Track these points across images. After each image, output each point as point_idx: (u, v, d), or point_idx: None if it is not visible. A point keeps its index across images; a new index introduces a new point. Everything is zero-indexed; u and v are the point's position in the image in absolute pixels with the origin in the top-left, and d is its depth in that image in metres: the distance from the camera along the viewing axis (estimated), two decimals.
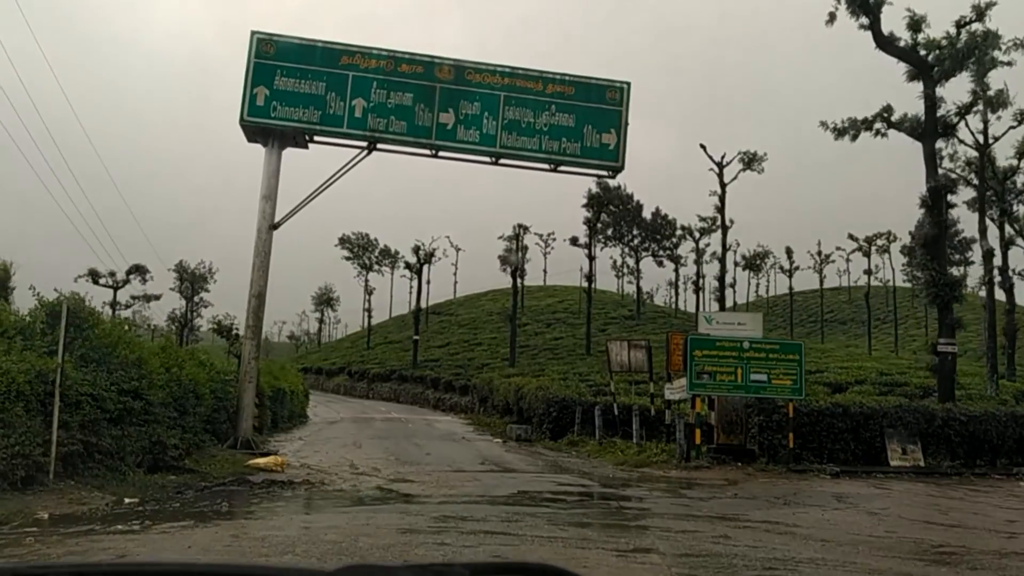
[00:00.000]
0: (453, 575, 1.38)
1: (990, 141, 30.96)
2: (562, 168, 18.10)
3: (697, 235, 72.81)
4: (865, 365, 46.18)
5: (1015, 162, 35.64)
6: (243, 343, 17.16)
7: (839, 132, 23.40)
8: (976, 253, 77.32)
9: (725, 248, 42.60)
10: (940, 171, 21.37)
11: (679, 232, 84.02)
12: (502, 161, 17.95)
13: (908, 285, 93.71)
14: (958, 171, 30.32)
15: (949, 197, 21.46)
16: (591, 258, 62.94)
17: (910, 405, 19.02)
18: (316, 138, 17.61)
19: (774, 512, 10.77)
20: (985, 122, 30.36)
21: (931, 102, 21.19)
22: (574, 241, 64.59)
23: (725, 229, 41.88)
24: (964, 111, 21.09)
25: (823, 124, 23.70)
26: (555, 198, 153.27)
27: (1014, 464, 19.05)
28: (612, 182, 73.23)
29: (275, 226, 17.15)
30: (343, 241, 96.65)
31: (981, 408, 19.38)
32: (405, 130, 17.29)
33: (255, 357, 16.96)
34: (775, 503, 11.96)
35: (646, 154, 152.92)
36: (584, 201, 63.30)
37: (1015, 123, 30.69)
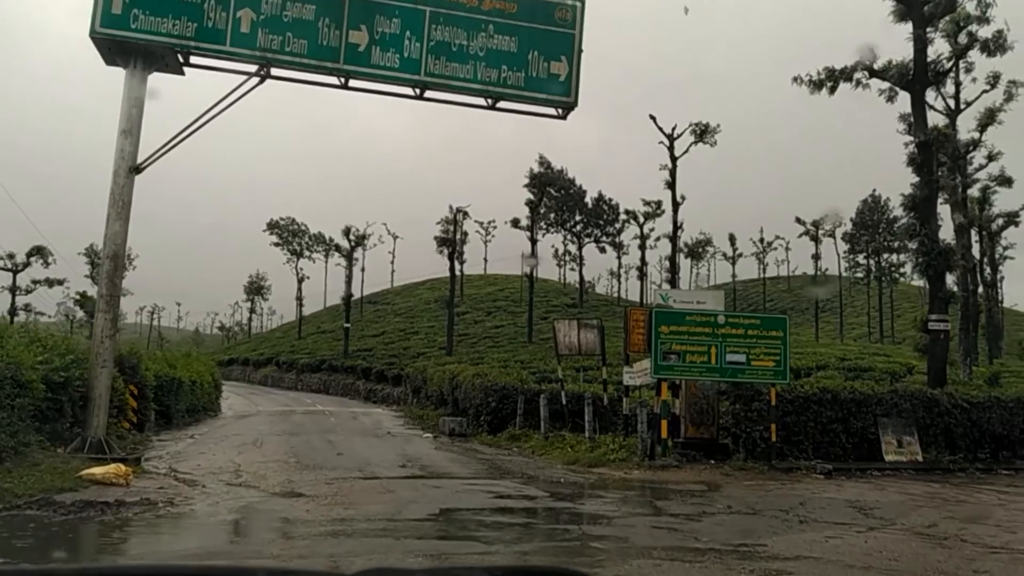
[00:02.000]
0: None
1: (962, 106, 28.78)
2: (503, 104, 14.84)
3: (641, 219, 70.16)
4: (819, 351, 44.42)
5: (977, 135, 33.72)
6: (96, 317, 13.49)
7: (816, 84, 20.65)
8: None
9: (676, 226, 39.93)
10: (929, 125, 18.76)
11: (623, 217, 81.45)
12: (428, 93, 14.59)
13: (847, 274, 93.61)
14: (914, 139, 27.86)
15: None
16: (533, 241, 59.95)
17: (907, 390, 16.35)
18: (193, 59, 13.97)
19: (798, 538, 7.77)
20: (957, 84, 28.13)
21: (921, 44, 18.56)
22: (515, 223, 61.39)
23: (676, 205, 39.20)
24: (959, 54, 18.55)
25: (797, 79, 20.92)
26: (498, 183, 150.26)
27: (1017, 456, 16.57)
28: (556, 165, 70.64)
29: (137, 169, 13.49)
30: (272, 226, 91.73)
31: (983, 394, 16.83)
32: (306, 51, 13.79)
33: (111, 335, 13.29)
34: (787, 519, 9.00)
35: (587, 139, 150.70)
36: (526, 181, 60.23)
37: (988, 87, 28.56)
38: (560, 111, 15.05)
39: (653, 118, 39.27)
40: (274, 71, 14.17)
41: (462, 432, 22.15)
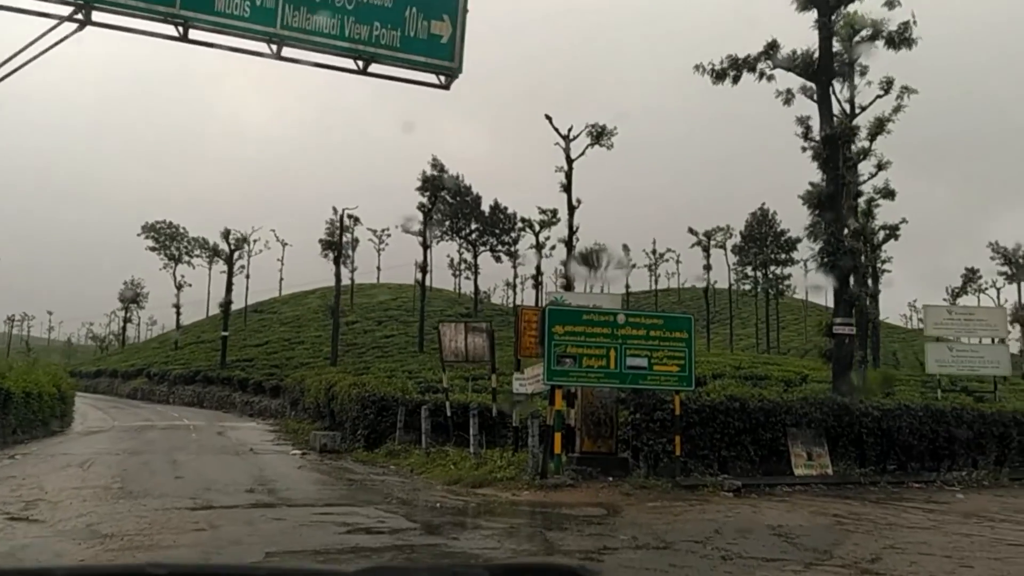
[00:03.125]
0: (473, 575, 1.49)
1: (856, 111, 28.49)
2: (375, 68, 12.79)
3: (537, 228, 68.94)
4: (713, 360, 44.08)
5: (867, 144, 33.80)
6: None
7: (718, 75, 19.51)
8: (803, 252, 78.95)
9: (572, 230, 38.71)
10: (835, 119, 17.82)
11: (519, 226, 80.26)
12: (287, 52, 12.38)
13: (736, 286, 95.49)
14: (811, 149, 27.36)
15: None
16: (425, 247, 57.66)
17: (817, 397, 15.15)
18: None
19: None
20: (852, 88, 27.77)
21: (827, 32, 17.64)
22: (407, 228, 59.08)
23: (572, 209, 37.98)
24: (865, 43, 17.70)
25: (698, 67, 19.72)
26: (393, 189, 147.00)
27: (924, 468, 15.65)
28: (451, 171, 68.67)
29: None
30: (148, 229, 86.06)
31: (894, 402, 15.84)
32: None
33: None
34: (706, 555, 7.32)
35: (483, 146, 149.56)
36: (419, 184, 58.03)
37: (882, 91, 28.39)
38: (443, 79, 13.11)
39: (549, 118, 38.03)
40: (96, 16, 11.68)
41: (334, 448, 19.83)
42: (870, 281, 50.94)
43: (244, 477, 14.11)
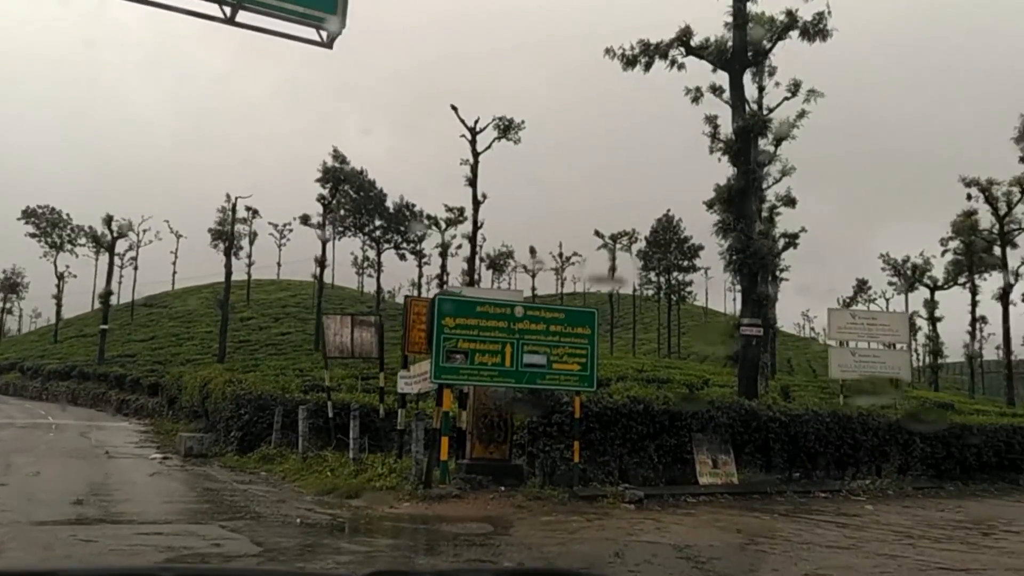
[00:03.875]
0: None
1: (765, 112, 28.21)
2: (244, 17, 11.13)
3: (443, 226, 67.36)
4: (616, 363, 43.66)
5: (772, 148, 33.78)
6: None
7: (628, 61, 18.60)
8: (705, 259, 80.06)
9: (477, 225, 37.40)
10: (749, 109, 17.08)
11: (425, 223, 78.58)
12: None
13: (640, 291, 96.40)
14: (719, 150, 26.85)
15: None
16: (325, 241, 55.40)
17: (723, 401, 14.25)
18: None
19: None
20: (760, 88, 27.47)
21: (741, 19, 16.93)
22: (305, 220, 56.64)
23: (477, 203, 36.67)
24: (779, 33, 17.04)
25: (609, 51, 18.76)
26: (292, 185, 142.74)
27: (830, 476, 15.01)
28: (350, 162, 66.34)
29: None
30: (28, 215, 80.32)
31: (801, 407, 15.13)
32: None
33: None
34: None
35: (388, 145, 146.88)
36: (319, 175, 55.63)
37: (789, 94, 28.21)
38: (324, 35, 11.55)
39: (454, 108, 36.70)
40: None
41: (201, 452, 17.89)
42: (770, 289, 51.65)
43: (81, 486, 12.16)
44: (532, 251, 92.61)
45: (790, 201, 42.48)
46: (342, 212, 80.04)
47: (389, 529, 9.36)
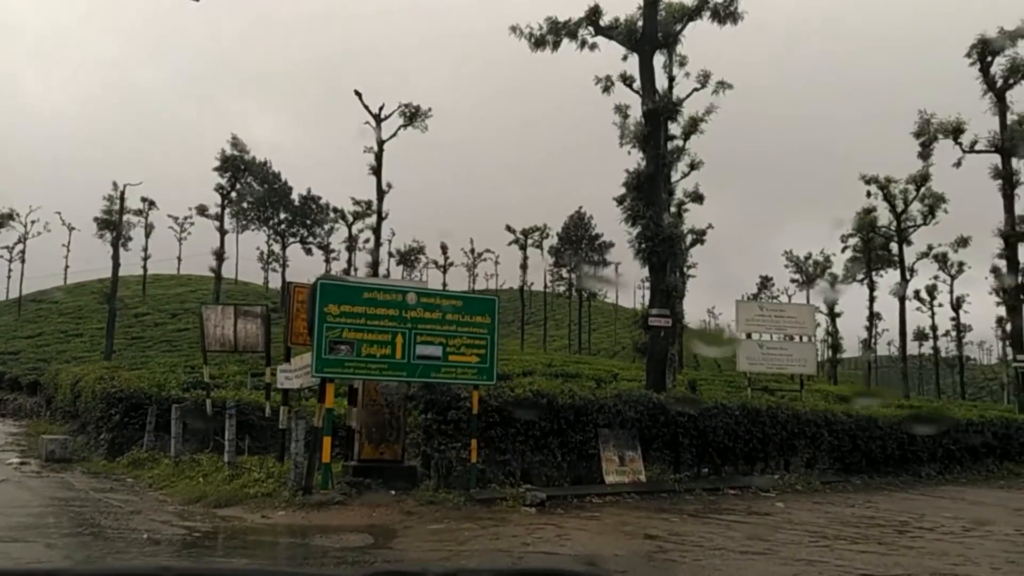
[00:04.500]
0: None
1: (675, 102, 27.89)
2: None
3: (351, 219, 65.38)
4: (526, 358, 42.94)
5: (681, 143, 33.68)
6: None
7: (537, 41, 17.74)
8: (615, 255, 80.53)
9: (382, 216, 36.06)
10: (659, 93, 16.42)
11: (332, 216, 76.29)
12: None
13: (551, 288, 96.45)
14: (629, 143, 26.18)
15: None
16: (223, 232, 52.73)
17: (631, 394, 13.52)
18: None
19: None
20: (671, 78, 27.10)
21: None
22: (202, 211, 53.98)
23: (382, 193, 35.33)
24: (690, 14, 16.45)
25: (515, 30, 17.84)
26: (194, 176, 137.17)
27: (738, 472, 14.50)
28: (251, 151, 63.56)
29: None
30: None
31: (711, 400, 14.55)
32: None
33: None
34: None
35: (296, 137, 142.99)
36: (217, 164, 53.00)
37: (699, 84, 28.02)
38: None
39: (358, 94, 35.21)
40: None
41: (64, 456, 16.11)
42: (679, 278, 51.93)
43: None
44: (443, 247, 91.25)
45: (698, 197, 42.63)
46: (245, 204, 77.13)
47: (250, 544, 8.17)
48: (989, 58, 24.69)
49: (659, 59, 23.12)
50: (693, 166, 34.04)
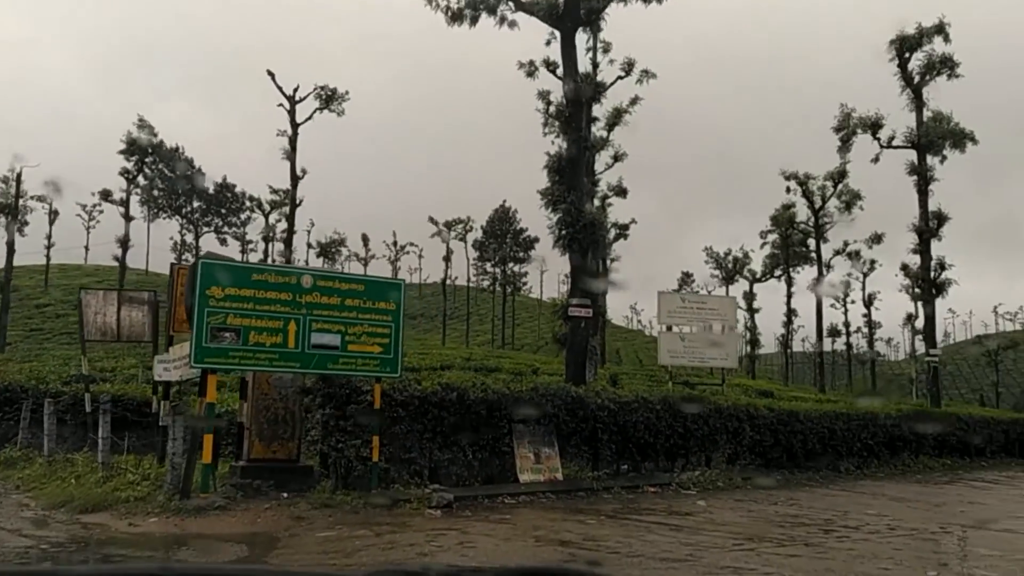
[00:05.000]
0: None
1: (598, 84, 27.32)
2: None
3: (267, 208, 63.07)
4: (446, 352, 42.06)
5: (605, 133, 33.23)
6: None
7: (454, 16, 16.82)
8: (542, 250, 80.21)
9: (295, 203, 34.52)
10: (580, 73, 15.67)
11: (248, 205, 73.68)
12: None
13: (475, 282, 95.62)
14: (552, 132, 25.37)
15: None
16: (128, 218, 49.94)
17: (548, 388, 12.74)
18: None
19: None
20: (595, 65, 26.52)
21: None
22: (106, 196, 51.13)
23: (296, 179, 33.83)
24: None
25: (431, 2, 16.87)
26: (104, 164, 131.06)
27: (659, 468, 13.93)
28: (159, 134, 60.68)
29: None
30: None
31: (632, 394, 13.90)
32: None
33: None
34: None
35: (211, 126, 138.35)
36: (123, 147, 50.10)
37: (623, 72, 27.52)
38: None
39: (271, 74, 33.61)
40: None
41: None
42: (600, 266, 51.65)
43: None
44: (364, 239, 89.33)
45: (621, 191, 42.37)
46: (155, 192, 73.86)
47: (105, 558, 7.04)
48: (907, 54, 24.89)
49: (583, 43, 22.56)
50: (617, 158, 33.62)
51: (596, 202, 39.38)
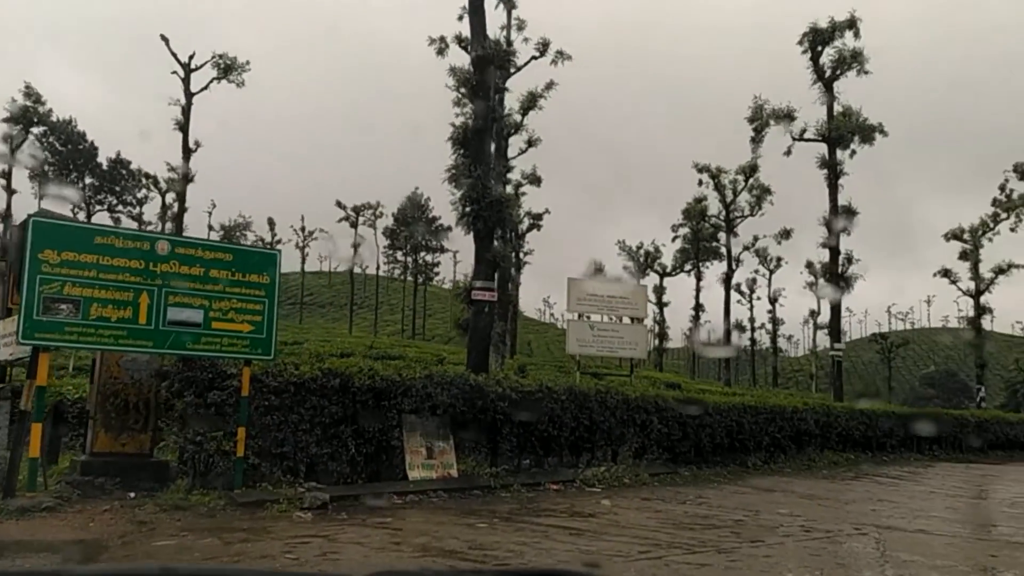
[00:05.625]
0: None
1: (511, 71, 26.32)
2: None
3: (164, 186, 59.79)
4: (350, 341, 40.56)
5: (519, 118, 32.36)
6: None
7: None
8: (453, 242, 79.02)
9: (188, 178, 32.32)
10: (489, 39, 14.59)
11: (144, 183, 69.94)
12: None
13: (386, 271, 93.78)
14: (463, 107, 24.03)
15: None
16: (10, 191, 46.28)
17: (444, 376, 11.65)
18: None
19: None
20: (509, 42, 25.51)
21: None
22: None
23: (188, 152, 31.61)
24: None
25: None
26: None
27: (563, 463, 13.07)
28: (47, 102, 56.78)
29: None
30: None
31: (536, 383, 12.94)
32: None
33: None
34: None
35: (102, 101, 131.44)
36: (6, 115, 46.39)
37: (537, 52, 26.65)
38: None
39: (165, 39, 31.32)
40: None
41: None
42: (513, 271, 50.85)
43: None
44: (271, 223, 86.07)
45: (536, 179, 41.65)
46: (45, 167, 69.38)
47: None
48: (819, 48, 24.83)
49: (498, 21, 21.53)
50: (531, 143, 32.75)
51: (509, 189, 38.58)
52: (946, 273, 36.77)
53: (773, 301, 61.03)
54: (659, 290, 55.58)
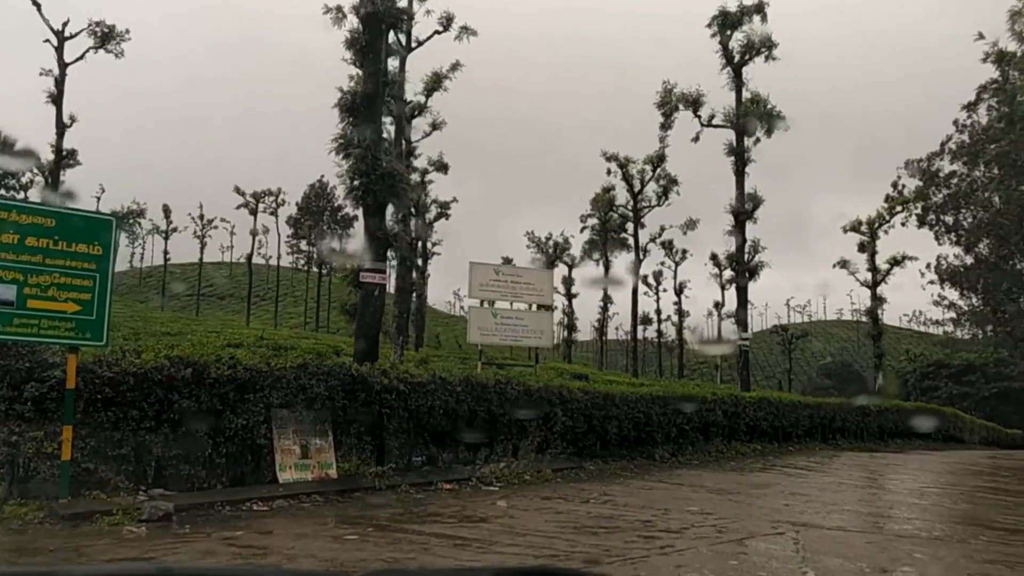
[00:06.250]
0: None
1: (413, 45, 25.04)
2: None
3: (47, 167, 55.64)
4: (242, 332, 38.45)
5: (423, 99, 31.09)
6: None
7: None
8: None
9: (61, 155, 29.80)
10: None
11: (28, 162, 65.21)
12: None
13: (290, 263, 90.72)
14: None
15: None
16: None
17: (321, 365, 10.36)
18: None
19: None
20: (410, 17, 24.16)
21: None
22: None
23: (62, 128, 29.13)
24: None
25: None
26: None
27: (458, 460, 11.98)
28: None
29: None
30: None
31: (427, 374, 11.75)
32: None
33: None
34: None
35: None
36: None
37: (440, 28, 25.42)
38: None
39: (37, 5, 28.65)
40: None
41: None
42: (420, 261, 49.39)
43: None
44: (166, 210, 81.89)
45: (443, 166, 40.45)
46: None
47: None
48: (728, 32, 24.46)
49: None
50: (436, 126, 31.51)
51: (415, 177, 37.16)
52: (844, 264, 37.39)
53: (679, 293, 61.53)
54: (568, 282, 55.21)
